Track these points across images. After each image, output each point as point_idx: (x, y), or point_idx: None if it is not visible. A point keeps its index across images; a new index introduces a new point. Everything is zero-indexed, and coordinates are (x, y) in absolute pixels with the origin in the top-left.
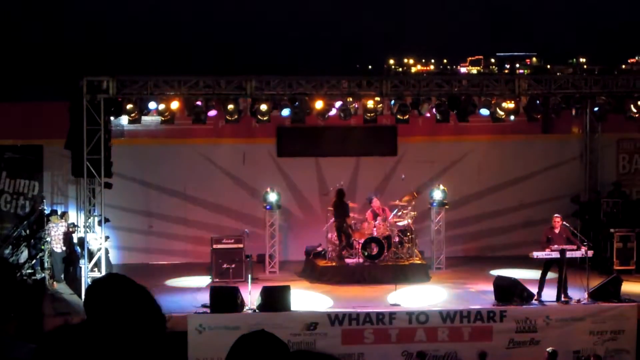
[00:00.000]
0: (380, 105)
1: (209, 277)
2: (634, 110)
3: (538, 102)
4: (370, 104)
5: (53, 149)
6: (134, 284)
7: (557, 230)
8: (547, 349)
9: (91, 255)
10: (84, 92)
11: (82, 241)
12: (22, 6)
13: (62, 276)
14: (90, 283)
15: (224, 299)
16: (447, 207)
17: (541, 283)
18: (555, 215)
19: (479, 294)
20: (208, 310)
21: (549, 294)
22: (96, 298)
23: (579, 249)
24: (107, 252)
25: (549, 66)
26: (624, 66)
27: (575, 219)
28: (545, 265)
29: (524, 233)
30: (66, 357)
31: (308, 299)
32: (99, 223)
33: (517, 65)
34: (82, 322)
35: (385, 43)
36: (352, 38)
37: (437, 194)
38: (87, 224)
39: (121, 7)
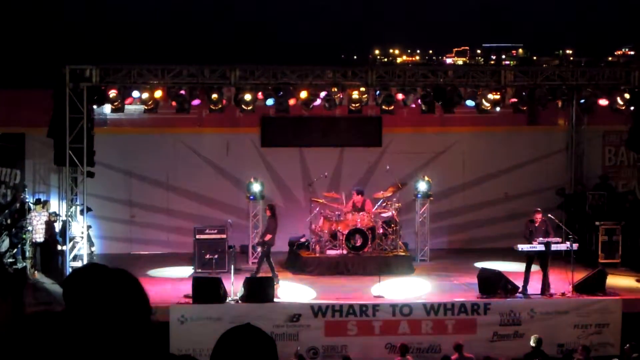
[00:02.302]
0: (365, 95)
1: (192, 267)
2: (620, 103)
3: (524, 93)
4: (355, 94)
5: (35, 138)
6: (114, 273)
7: (537, 224)
8: (531, 342)
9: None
10: (67, 80)
11: (64, 230)
12: None
13: (44, 265)
14: (69, 272)
15: (207, 290)
16: (431, 198)
17: (526, 276)
18: (537, 209)
19: (463, 286)
20: (190, 300)
21: (534, 286)
22: (75, 287)
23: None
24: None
25: (535, 57)
26: (610, 58)
27: (561, 212)
28: (529, 258)
29: (508, 225)
30: (42, 343)
31: (291, 290)
32: (81, 212)
33: (503, 57)
34: (62, 311)
35: (371, 33)
36: (337, 28)
37: (422, 186)
38: (69, 213)
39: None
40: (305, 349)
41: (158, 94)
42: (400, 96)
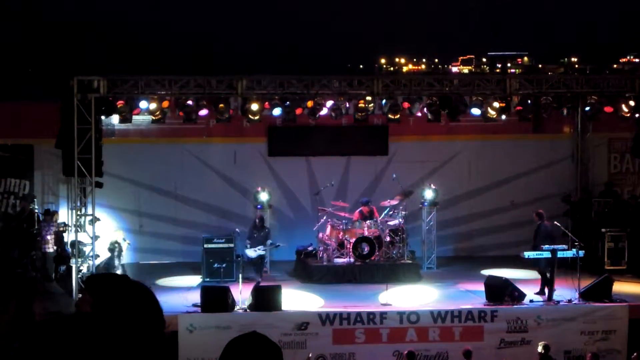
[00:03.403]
0: (372, 104)
1: (200, 276)
2: (625, 110)
3: (529, 101)
4: (361, 103)
5: (44, 149)
6: (133, 285)
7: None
8: (539, 349)
9: (118, 252)
10: (75, 91)
11: (73, 241)
12: (11, 6)
13: (53, 276)
14: (91, 278)
15: (215, 299)
16: (438, 206)
17: (546, 281)
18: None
19: (470, 293)
20: (199, 310)
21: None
22: (99, 293)
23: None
24: (120, 252)
25: (540, 65)
26: (615, 65)
27: (567, 219)
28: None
29: (515, 233)
30: (54, 347)
31: (299, 298)
32: (90, 222)
33: (509, 65)
34: (73, 315)
35: (377, 42)
36: (344, 37)
37: (428, 194)
38: (78, 224)
39: (112, 6)
40: (313, 357)
41: (165, 104)
42: (406, 105)
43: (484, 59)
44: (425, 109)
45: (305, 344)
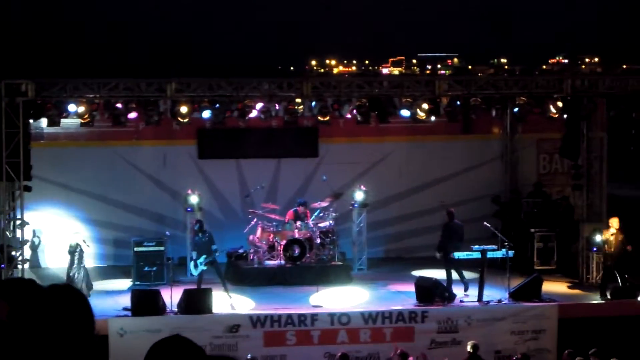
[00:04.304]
0: (301, 106)
1: (130, 280)
2: (554, 111)
3: (458, 103)
4: (291, 105)
5: None
6: (59, 289)
7: None
8: (468, 348)
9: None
10: (2, 95)
11: (1, 245)
12: None
13: None
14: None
15: (145, 302)
16: (368, 208)
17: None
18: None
19: (400, 294)
20: (129, 313)
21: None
22: (16, 301)
23: None
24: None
25: (470, 67)
26: (544, 66)
27: (496, 219)
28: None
29: None
30: None
31: (230, 301)
32: (19, 226)
33: (439, 66)
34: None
35: (307, 43)
36: (274, 38)
37: (359, 195)
38: (6, 227)
39: (39, 7)
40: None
41: (94, 107)
42: (335, 107)
43: (414, 61)
44: (354, 111)
45: (237, 347)
